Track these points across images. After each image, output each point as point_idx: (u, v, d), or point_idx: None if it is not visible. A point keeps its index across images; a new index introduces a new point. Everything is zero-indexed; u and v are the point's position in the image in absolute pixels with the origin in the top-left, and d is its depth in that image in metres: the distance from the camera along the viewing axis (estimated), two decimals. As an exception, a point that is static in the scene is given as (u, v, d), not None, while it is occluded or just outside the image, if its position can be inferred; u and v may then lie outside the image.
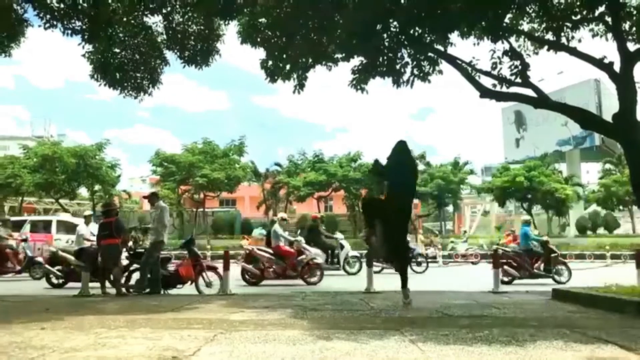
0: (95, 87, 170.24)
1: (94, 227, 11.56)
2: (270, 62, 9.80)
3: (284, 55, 9.62)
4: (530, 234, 13.04)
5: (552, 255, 12.30)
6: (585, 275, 12.80)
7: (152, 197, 9.96)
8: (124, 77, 10.30)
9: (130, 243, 10.05)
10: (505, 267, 12.02)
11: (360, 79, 9.46)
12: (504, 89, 9.05)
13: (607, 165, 43.70)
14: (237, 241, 25.05)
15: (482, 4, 7.74)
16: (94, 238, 10.38)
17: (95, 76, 10.16)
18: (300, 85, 9.84)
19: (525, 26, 10.04)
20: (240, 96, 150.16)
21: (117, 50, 10.25)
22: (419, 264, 16.59)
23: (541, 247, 12.63)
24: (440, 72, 9.37)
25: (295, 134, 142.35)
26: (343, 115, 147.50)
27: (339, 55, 9.62)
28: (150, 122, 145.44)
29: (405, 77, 9.31)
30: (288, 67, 9.75)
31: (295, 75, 9.82)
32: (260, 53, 9.84)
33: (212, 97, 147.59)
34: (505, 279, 11.84)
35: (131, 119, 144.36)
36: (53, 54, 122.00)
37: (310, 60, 9.73)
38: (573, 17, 9.01)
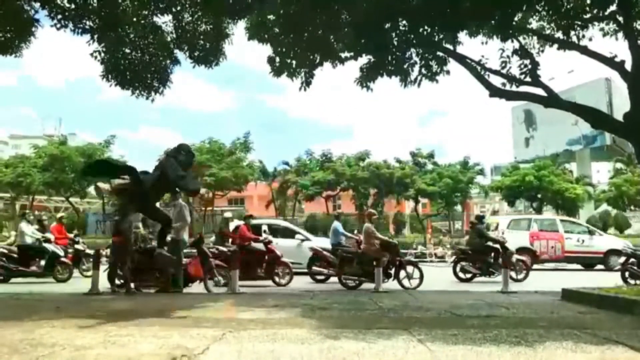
0: (101, 87, 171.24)
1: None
2: (277, 58, 9.81)
3: (291, 53, 9.63)
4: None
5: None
6: (596, 276, 12.67)
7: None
8: (135, 78, 10.36)
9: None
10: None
11: (366, 77, 9.44)
12: (514, 88, 9.01)
13: (618, 165, 43.40)
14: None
15: (492, 2, 7.70)
16: None
17: (107, 77, 10.22)
18: (307, 83, 9.84)
19: (535, 24, 9.97)
20: (247, 96, 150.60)
21: (127, 50, 10.31)
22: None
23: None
24: (448, 72, 9.34)
25: (303, 134, 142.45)
26: (352, 115, 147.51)
27: (346, 54, 9.61)
28: (156, 122, 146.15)
29: (412, 77, 9.28)
30: (294, 63, 9.76)
31: (302, 73, 9.83)
32: (268, 50, 9.88)
33: (219, 96, 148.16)
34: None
35: (137, 119, 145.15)
36: (58, 53, 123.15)
37: (317, 57, 9.73)
38: (583, 16, 8.94)
